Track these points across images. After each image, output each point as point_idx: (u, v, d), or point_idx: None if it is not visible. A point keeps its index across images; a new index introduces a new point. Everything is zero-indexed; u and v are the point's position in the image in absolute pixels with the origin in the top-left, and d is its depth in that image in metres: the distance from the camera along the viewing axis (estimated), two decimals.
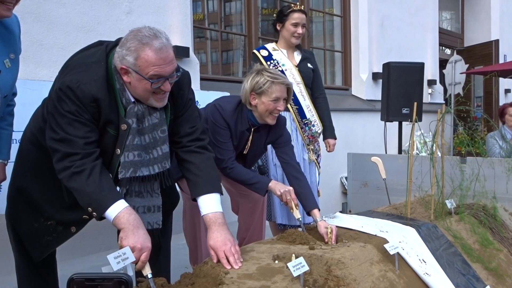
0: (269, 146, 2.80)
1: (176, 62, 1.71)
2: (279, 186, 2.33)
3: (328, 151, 3.32)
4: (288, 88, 2.40)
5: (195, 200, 1.83)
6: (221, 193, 1.84)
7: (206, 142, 1.90)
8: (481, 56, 8.52)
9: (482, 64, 8.21)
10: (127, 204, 1.62)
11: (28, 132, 1.90)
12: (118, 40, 1.70)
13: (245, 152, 2.56)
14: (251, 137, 2.51)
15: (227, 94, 3.80)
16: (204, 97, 3.40)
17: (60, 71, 1.74)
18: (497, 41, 8.48)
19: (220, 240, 1.68)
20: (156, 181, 1.82)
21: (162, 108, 1.76)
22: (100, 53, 1.69)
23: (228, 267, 1.62)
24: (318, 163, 3.26)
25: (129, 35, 1.63)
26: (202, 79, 4.30)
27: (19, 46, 1.84)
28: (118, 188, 1.76)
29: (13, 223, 1.92)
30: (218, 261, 1.66)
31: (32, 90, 2.67)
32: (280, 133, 2.55)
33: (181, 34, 3.97)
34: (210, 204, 1.77)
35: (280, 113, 2.46)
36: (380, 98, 5.06)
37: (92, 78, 1.63)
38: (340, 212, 2.60)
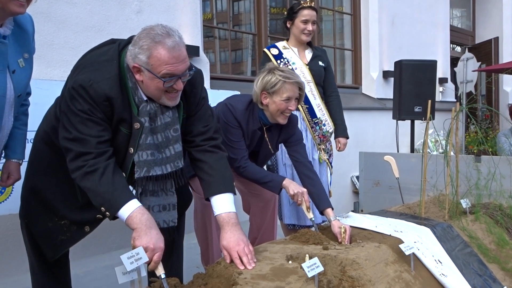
0: (280, 146, 2.78)
1: (189, 61, 1.69)
2: (293, 186, 2.31)
3: (338, 150, 3.28)
4: (300, 88, 2.37)
5: (208, 199, 1.81)
6: (235, 193, 1.82)
7: (220, 141, 1.88)
8: (484, 54, 8.45)
9: (485, 62, 8.13)
10: (139, 204, 1.60)
11: (41, 131, 1.90)
12: (131, 38, 1.68)
13: (272, 151, 2.55)
14: (266, 136, 2.48)
15: (237, 93, 3.78)
16: (214, 96, 3.38)
17: (73, 70, 1.73)
18: (496, 39, 8.41)
19: (233, 240, 1.66)
20: (170, 180, 1.80)
21: (174, 107, 1.75)
22: (113, 51, 1.68)
23: (242, 267, 1.60)
24: (330, 163, 3.22)
25: (141, 33, 1.62)
26: (211, 78, 4.29)
27: (33, 45, 1.84)
28: (131, 188, 1.75)
29: (27, 222, 1.93)
30: (231, 261, 1.65)
31: (43, 90, 2.68)
32: (292, 132, 2.53)
33: (191, 33, 3.96)
34: (224, 204, 1.75)
35: (292, 112, 2.44)
36: (390, 97, 5.02)
37: (104, 76, 1.62)
38: (352, 211, 2.57)
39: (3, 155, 1.96)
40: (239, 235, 1.69)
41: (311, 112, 3.13)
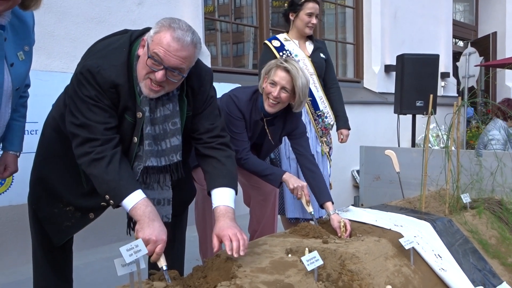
0: (283, 139, 2.77)
1: (186, 67, 1.62)
2: (293, 180, 2.30)
3: (341, 142, 3.27)
4: (292, 78, 2.28)
5: (209, 194, 1.77)
6: (236, 192, 1.78)
7: (227, 139, 1.85)
8: (484, 49, 8.41)
9: (484, 57, 8.11)
10: (144, 196, 1.60)
11: (50, 118, 1.91)
12: (145, 29, 1.68)
13: (273, 142, 2.53)
14: (266, 126, 2.47)
15: (238, 86, 3.77)
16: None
17: (83, 56, 1.74)
18: (494, 34, 8.37)
19: (226, 226, 1.62)
20: (167, 173, 1.79)
21: (176, 101, 1.73)
22: (124, 40, 1.68)
23: (230, 252, 1.54)
24: (329, 156, 3.22)
25: (169, 17, 1.63)
26: (213, 71, 4.26)
27: (33, 38, 1.82)
28: None
29: (34, 208, 1.94)
30: (219, 250, 1.60)
31: (43, 81, 2.68)
32: (296, 125, 2.52)
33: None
34: (223, 197, 1.72)
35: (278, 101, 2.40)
36: (392, 91, 5.00)
37: (112, 63, 1.62)
38: (352, 205, 2.57)
39: (0, 147, 1.96)
40: (232, 224, 1.64)
41: (314, 104, 3.12)
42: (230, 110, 2.37)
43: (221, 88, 3.18)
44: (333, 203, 2.24)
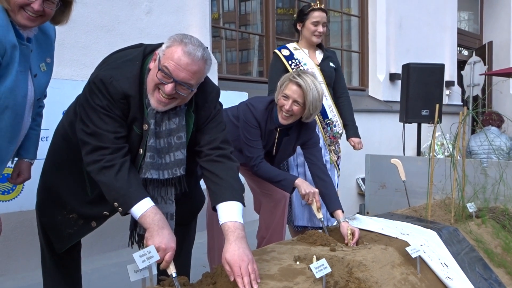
0: None
1: (195, 82, 1.65)
2: (305, 186, 2.33)
3: (356, 149, 3.29)
4: (304, 92, 2.32)
5: (215, 209, 1.70)
6: (244, 205, 1.71)
7: (228, 152, 1.81)
8: (483, 58, 8.41)
9: (487, 66, 8.11)
10: (153, 204, 1.62)
11: (60, 125, 1.95)
12: (160, 44, 1.71)
13: (274, 153, 2.56)
14: (277, 137, 2.50)
15: (244, 93, 3.81)
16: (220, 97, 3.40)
17: (98, 66, 1.77)
18: (490, 43, 8.39)
19: (237, 254, 1.53)
20: (171, 187, 1.80)
21: (183, 115, 1.76)
22: (138, 53, 1.72)
23: (242, 287, 1.48)
24: (338, 165, 3.23)
25: (182, 33, 1.67)
26: (218, 78, 4.31)
27: (54, 50, 1.88)
28: None
29: (39, 214, 1.97)
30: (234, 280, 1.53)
31: (54, 89, 2.68)
32: (310, 136, 2.56)
33: (200, 34, 3.99)
34: (230, 212, 1.64)
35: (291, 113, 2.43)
36: (397, 99, 5.02)
37: (125, 75, 1.65)
38: (358, 213, 2.59)
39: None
40: (244, 249, 1.55)
41: (323, 113, 3.14)
42: (247, 118, 2.42)
43: (226, 96, 3.21)
44: (343, 211, 2.27)
